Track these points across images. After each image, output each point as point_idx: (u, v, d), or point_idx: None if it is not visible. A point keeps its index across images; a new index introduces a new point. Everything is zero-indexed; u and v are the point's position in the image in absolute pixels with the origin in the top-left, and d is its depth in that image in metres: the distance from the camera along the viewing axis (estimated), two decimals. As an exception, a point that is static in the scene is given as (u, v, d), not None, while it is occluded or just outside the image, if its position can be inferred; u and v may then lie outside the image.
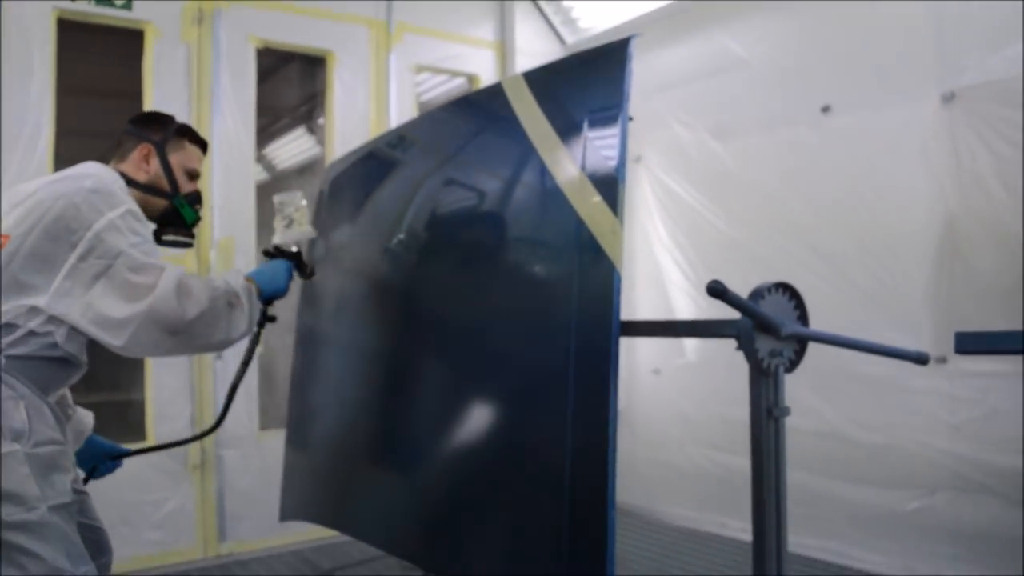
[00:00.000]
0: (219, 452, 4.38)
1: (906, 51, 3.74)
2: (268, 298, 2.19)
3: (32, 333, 1.80)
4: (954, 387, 3.62)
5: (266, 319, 2.31)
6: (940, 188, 3.63)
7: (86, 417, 2.30)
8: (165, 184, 2.17)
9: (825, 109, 4.05)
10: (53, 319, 1.79)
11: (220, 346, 1.97)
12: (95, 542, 2.09)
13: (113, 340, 1.78)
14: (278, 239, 2.40)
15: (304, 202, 2.45)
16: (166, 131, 2.21)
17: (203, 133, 4.31)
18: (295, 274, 2.33)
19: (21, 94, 3.90)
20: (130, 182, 2.09)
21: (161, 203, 2.17)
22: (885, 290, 3.77)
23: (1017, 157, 3.34)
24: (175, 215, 2.21)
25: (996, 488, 3.44)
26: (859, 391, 3.92)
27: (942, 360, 3.62)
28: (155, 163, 2.16)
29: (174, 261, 2.01)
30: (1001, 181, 3.42)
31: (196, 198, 2.27)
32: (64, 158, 4.05)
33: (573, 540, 1.86)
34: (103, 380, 5.37)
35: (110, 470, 2.43)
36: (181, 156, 2.22)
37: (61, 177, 1.92)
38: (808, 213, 4.08)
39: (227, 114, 4.47)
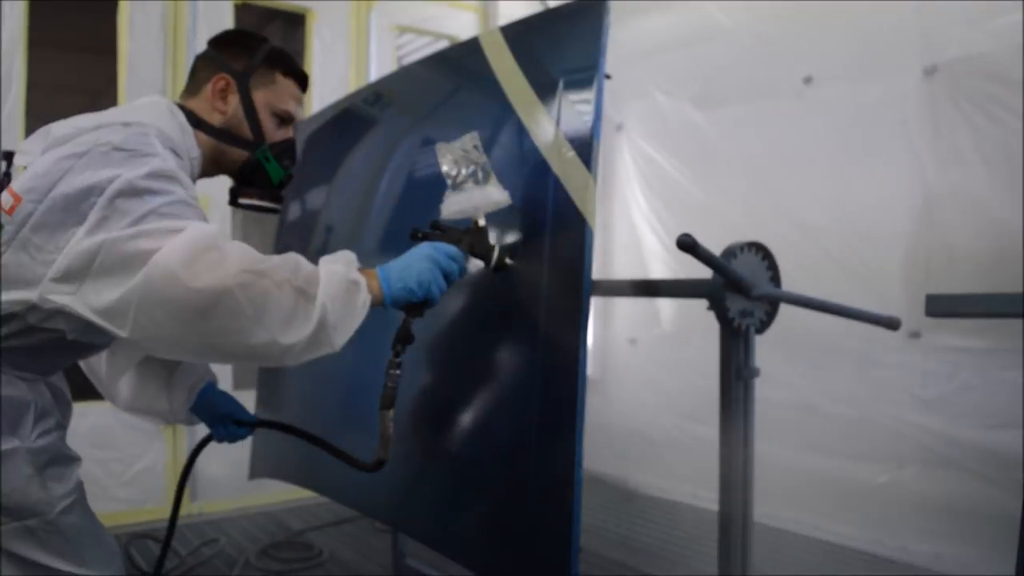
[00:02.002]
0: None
1: (889, 24, 3.72)
2: (396, 302, 1.56)
3: (35, 328, 1.42)
4: (927, 362, 3.64)
5: (401, 340, 1.66)
6: (919, 162, 3.63)
7: (197, 366, 1.92)
8: (246, 129, 1.70)
9: (807, 80, 4.04)
10: (61, 312, 1.36)
11: (264, 352, 1.35)
12: None
13: (119, 330, 1.30)
14: (443, 209, 1.65)
15: (479, 145, 1.66)
16: (252, 58, 1.71)
17: (178, 86, 4.33)
18: (465, 265, 1.65)
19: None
20: (200, 124, 1.67)
21: (240, 155, 1.72)
22: (861, 262, 3.78)
23: (997, 132, 3.34)
24: (258, 170, 1.74)
25: (965, 463, 3.48)
26: (832, 364, 3.94)
27: (915, 335, 3.64)
28: (234, 101, 1.68)
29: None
30: (980, 156, 3.43)
31: (288, 149, 1.79)
32: (35, 115, 3.98)
33: (540, 504, 1.85)
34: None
35: (230, 436, 2.04)
36: (270, 93, 1.72)
37: (101, 123, 1.46)
38: (787, 184, 4.08)
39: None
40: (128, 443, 4.19)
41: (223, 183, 1.87)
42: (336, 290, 1.40)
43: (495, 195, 1.62)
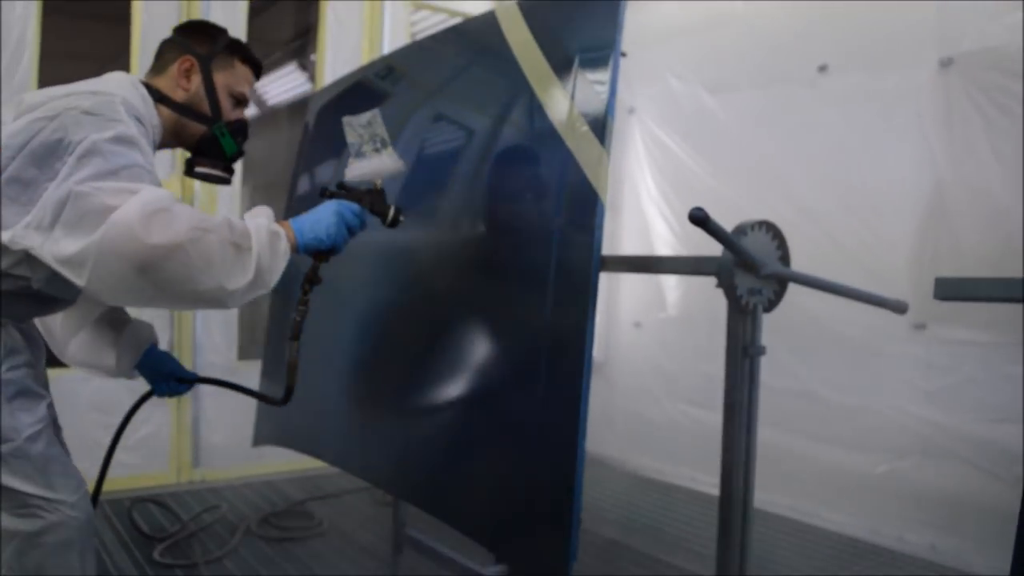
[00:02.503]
0: (196, 379, 4.37)
1: (906, 15, 3.70)
2: (308, 250, 1.75)
3: (4, 275, 1.56)
4: (931, 354, 3.64)
5: (309, 281, 1.86)
6: (931, 154, 3.62)
7: (144, 328, 2.07)
8: (206, 106, 1.88)
9: (822, 68, 4.02)
10: (29, 259, 1.52)
11: (212, 298, 1.54)
12: None
13: (77, 279, 1.45)
14: (346, 173, 1.87)
15: (379, 120, 1.87)
16: (214, 44, 1.90)
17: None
18: (366, 220, 1.83)
19: (3, 11, 3.80)
20: (163, 99, 1.84)
21: (198, 128, 1.89)
22: (869, 253, 3.77)
23: (1009, 125, 3.33)
24: (214, 144, 1.91)
25: (965, 455, 3.48)
26: (836, 354, 3.94)
27: (921, 326, 3.65)
28: (196, 80, 1.86)
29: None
30: (992, 150, 3.41)
31: (241, 128, 1.96)
32: (48, 82, 3.98)
33: (542, 479, 1.86)
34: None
35: (173, 392, 2.15)
36: (229, 76, 1.91)
37: (73, 91, 1.62)
38: (798, 172, 4.07)
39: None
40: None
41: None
42: (264, 241, 1.59)
43: (391, 163, 1.85)
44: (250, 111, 2.09)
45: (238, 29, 4.46)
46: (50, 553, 1.60)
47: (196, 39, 1.90)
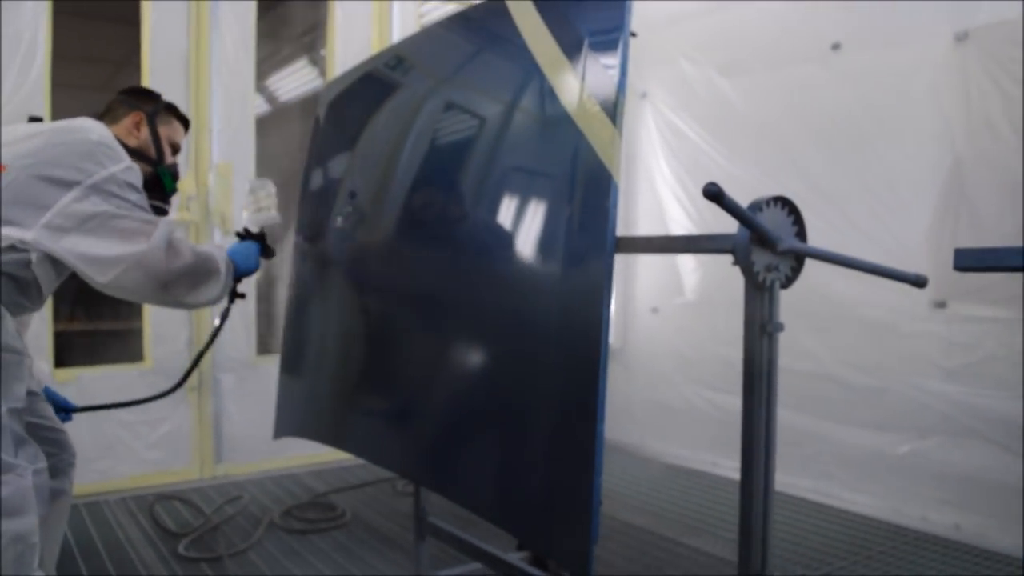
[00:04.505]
0: (216, 376, 4.40)
1: (920, -12, 3.66)
2: (241, 275, 2.39)
3: (11, 248, 1.86)
4: (951, 332, 3.62)
5: (235, 295, 2.50)
6: (948, 130, 3.59)
7: (41, 372, 2.52)
8: (152, 152, 2.32)
9: (835, 46, 3.99)
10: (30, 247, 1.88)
11: (191, 306, 2.19)
12: (54, 441, 2.23)
13: (98, 276, 1.91)
14: (248, 222, 2.65)
15: (274, 189, 2.75)
16: (156, 104, 2.38)
17: (201, 55, 4.35)
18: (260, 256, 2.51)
19: (15, 13, 3.82)
20: (120, 144, 2.19)
21: (146, 169, 2.26)
22: (887, 232, 3.75)
23: (1028, 99, 3.29)
24: (157, 182, 2.33)
25: (987, 433, 3.46)
26: (856, 334, 3.92)
27: (941, 305, 3.62)
28: (145, 131, 2.31)
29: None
30: (1011, 124, 3.37)
31: (176, 170, 2.43)
32: (60, 84, 4.01)
33: (563, 466, 1.86)
34: (105, 310, 5.43)
35: (61, 421, 2.46)
36: (168, 129, 2.38)
37: (66, 127, 2.04)
38: (813, 152, 4.04)
39: (226, 35, 4.39)
40: (154, 406, 4.18)
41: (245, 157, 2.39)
42: (226, 269, 2.24)
43: (274, 218, 2.73)
44: (262, 108, 2.36)
45: (247, 26, 4.47)
46: (10, 517, 1.74)
47: (142, 99, 2.37)
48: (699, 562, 3.31)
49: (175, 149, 2.43)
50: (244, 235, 2.58)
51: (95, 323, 5.00)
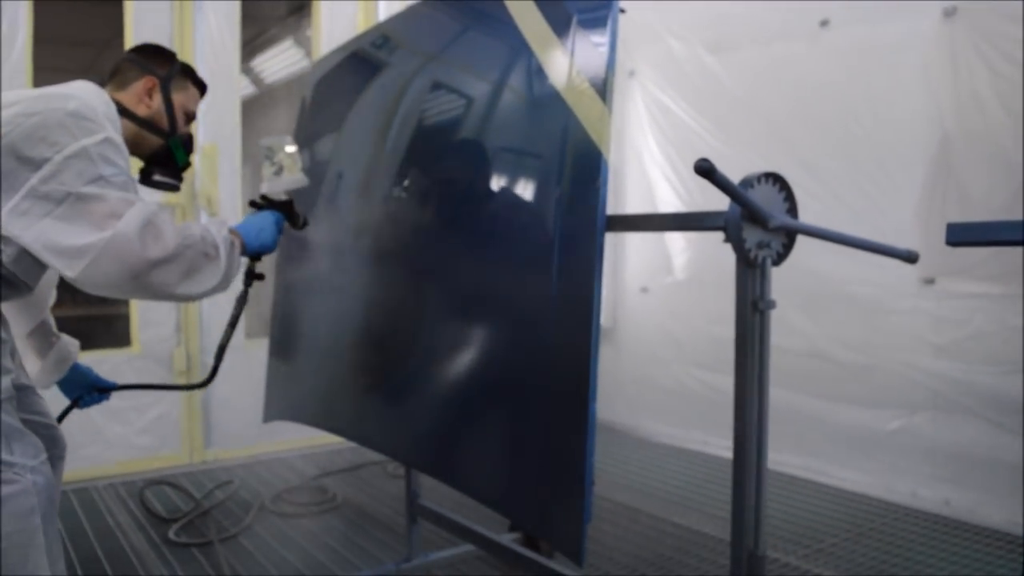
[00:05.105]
0: (204, 360, 4.38)
1: (908, -37, 3.64)
2: (254, 253, 2.07)
3: None
4: (940, 308, 3.62)
5: (253, 277, 2.18)
6: (937, 107, 3.57)
7: (70, 345, 2.22)
8: (164, 122, 2.06)
9: (823, 23, 3.96)
10: (4, 238, 1.65)
11: (184, 298, 1.81)
12: (47, 437, 2.00)
13: (67, 270, 1.63)
14: (266, 187, 2.21)
15: (294, 147, 2.27)
16: (171, 67, 2.09)
17: (186, 36, 4.30)
18: (286, 226, 2.17)
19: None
20: (125, 113, 1.98)
21: (156, 141, 2.06)
22: (876, 209, 3.75)
23: (1017, 75, 3.28)
24: (167, 156, 2.11)
25: (977, 409, 3.47)
26: (845, 312, 3.92)
27: (930, 281, 3.62)
28: (158, 99, 2.04)
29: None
30: (999, 101, 3.36)
31: (190, 142, 2.17)
32: (41, 67, 3.95)
33: (555, 446, 1.85)
34: (91, 295, 5.38)
35: (96, 402, 2.34)
36: (183, 96, 2.11)
37: (46, 93, 1.76)
38: (802, 130, 4.03)
39: (211, 16, 4.35)
40: (143, 391, 4.25)
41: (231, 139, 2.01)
42: (227, 250, 1.86)
43: (301, 180, 2.24)
44: (248, 89, 2.20)
45: (232, 6, 4.42)
46: (12, 518, 1.63)
47: (156, 61, 2.08)
48: (690, 541, 3.32)
49: (190, 118, 2.16)
50: (261, 204, 2.19)
51: (82, 308, 4.97)
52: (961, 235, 1.41)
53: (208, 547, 3.24)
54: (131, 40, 4.17)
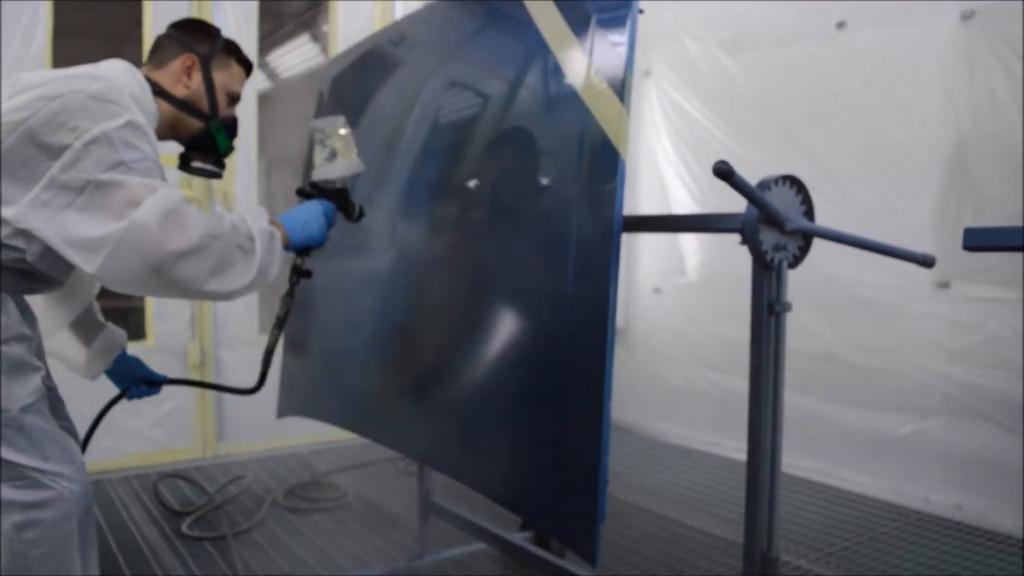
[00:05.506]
0: (218, 353, 4.41)
1: (926, -34, 3.63)
2: (299, 247, 1.91)
3: (2, 245, 1.56)
4: (955, 312, 3.61)
5: (300, 274, 2.02)
6: (954, 110, 3.56)
7: (117, 334, 2.13)
8: (205, 104, 1.93)
9: (840, 25, 3.95)
10: (24, 232, 1.54)
11: (215, 295, 1.64)
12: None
13: (86, 265, 1.50)
14: (317, 175, 2.01)
15: (347, 129, 2.04)
16: (213, 44, 1.95)
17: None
18: (338, 217, 2.01)
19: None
20: (162, 93, 1.87)
21: (196, 125, 1.93)
22: (891, 212, 3.73)
23: (1034, 80, 3.27)
24: (208, 140, 1.97)
25: (990, 414, 3.46)
26: (860, 315, 3.91)
27: (944, 285, 3.61)
28: (197, 78, 1.91)
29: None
30: (1016, 103, 3.35)
31: (233, 125, 2.02)
32: (61, 61, 3.98)
33: (569, 446, 1.86)
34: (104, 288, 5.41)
35: (144, 394, 2.23)
36: (226, 75, 1.97)
37: (73, 74, 1.64)
38: (818, 132, 4.01)
39: (228, 11, 4.38)
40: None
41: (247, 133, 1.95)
42: (265, 243, 1.70)
43: (357, 166, 2.03)
44: (264, 85, 2.13)
45: (249, 2, 4.44)
46: (49, 526, 1.59)
47: (196, 38, 1.95)
48: (702, 542, 3.32)
49: (233, 99, 2.00)
50: (310, 192, 1.99)
51: (97, 301, 5.00)
52: (978, 240, 1.41)
53: (221, 541, 3.26)
54: (149, 34, 4.19)
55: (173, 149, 2.04)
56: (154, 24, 4.19)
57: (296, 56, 6.15)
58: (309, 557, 3.13)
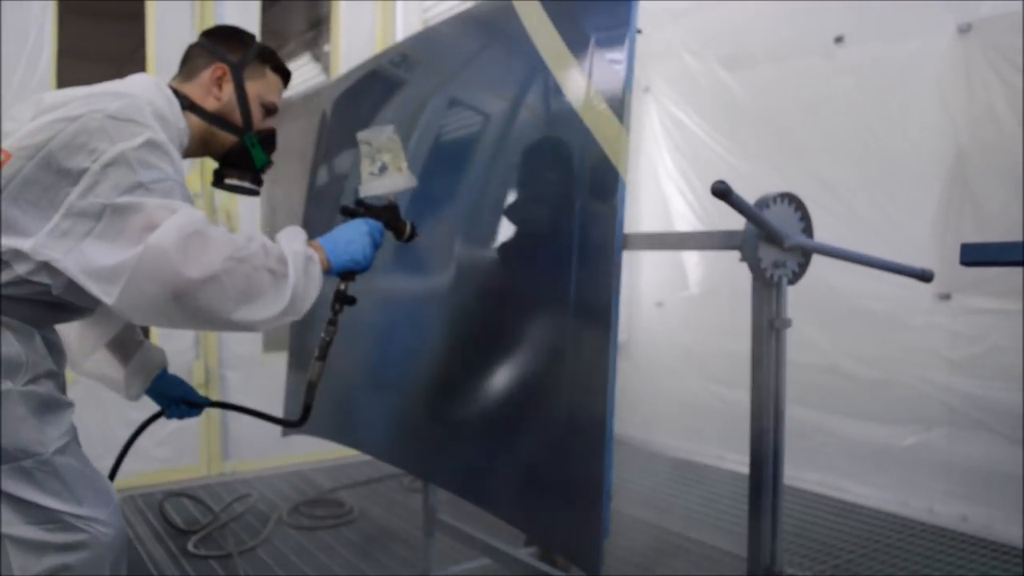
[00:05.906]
0: (223, 372, 4.42)
1: (922, -20, 3.66)
2: (341, 271, 1.76)
3: (24, 281, 1.49)
4: (956, 324, 3.62)
5: (343, 300, 1.88)
6: (952, 122, 3.58)
7: (155, 353, 2.05)
8: (237, 116, 1.82)
9: (838, 39, 3.98)
10: (47, 266, 1.46)
11: (241, 325, 1.51)
12: None
13: (105, 296, 1.41)
14: (365, 190, 1.86)
15: (396, 137, 1.87)
16: (246, 52, 1.84)
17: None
18: (386, 237, 1.86)
19: (21, 11, 3.84)
20: (192, 107, 1.78)
21: (229, 139, 1.83)
22: (891, 225, 3.75)
23: (1032, 92, 3.29)
24: (243, 155, 1.86)
25: (993, 425, 3.47)
26: (861, 327, 3.92)
27: (945, 297, 3.62)
28: (229, 89, 1.80)
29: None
30: (1014, 115, 3.37)
31: (270, 138, 1.90)
32: (65, 82, 4.02)
33: (573, 461, 1.87)
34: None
35: (182, 415, 2.12)
36: (260, 85, 1.85)
37: (96, 93, 1.57)
38: (817, 146, 4.04)
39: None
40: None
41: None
42: (300, 267, 1.56)
43: (407, 181, 1.87)
44: None
45: (251, 23, 4.47)
46: (81, 571, 1.54)
47: (227, 45, 1.84)
48: (706, 556, 3.32)
49: (269, 110, 1.88)
50: (354, 211, 1.85)
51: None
52: (975, 255, 1.43)
53: (227, 559, 3.27)
54: (152, 55, 4.23)
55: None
56: (157, 48, 4.23)
57: (298, 76, 6.18)
58: (315, 574, 3.14)
